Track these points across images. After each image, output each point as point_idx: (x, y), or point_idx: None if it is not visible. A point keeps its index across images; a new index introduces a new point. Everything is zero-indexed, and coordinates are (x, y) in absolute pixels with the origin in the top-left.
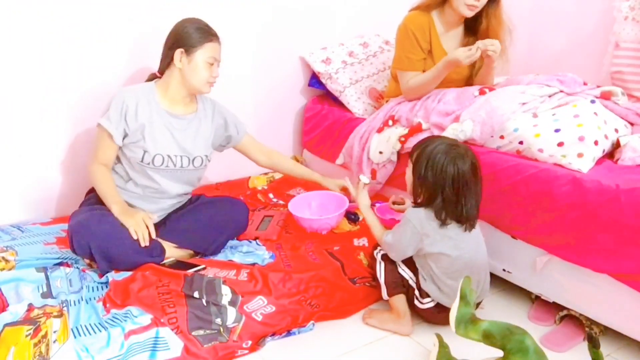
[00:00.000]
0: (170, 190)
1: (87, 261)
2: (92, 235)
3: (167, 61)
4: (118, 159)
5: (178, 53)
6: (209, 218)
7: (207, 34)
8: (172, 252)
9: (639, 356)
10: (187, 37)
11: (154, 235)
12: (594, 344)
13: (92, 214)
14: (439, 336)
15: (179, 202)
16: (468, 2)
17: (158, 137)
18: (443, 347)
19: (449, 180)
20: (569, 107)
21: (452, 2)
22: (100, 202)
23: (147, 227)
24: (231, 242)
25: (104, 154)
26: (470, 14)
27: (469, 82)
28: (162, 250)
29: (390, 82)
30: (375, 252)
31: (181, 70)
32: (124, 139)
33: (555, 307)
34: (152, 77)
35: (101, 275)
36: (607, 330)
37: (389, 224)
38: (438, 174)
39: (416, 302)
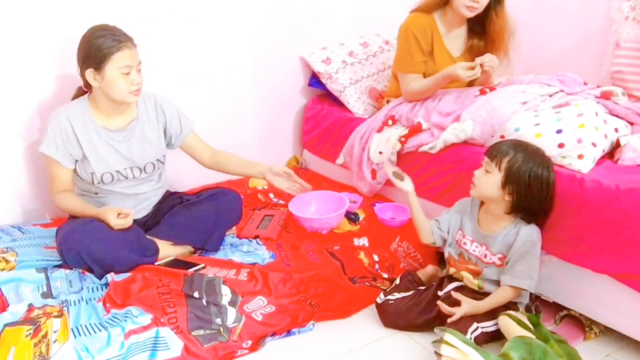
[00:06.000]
0: (136, 192)
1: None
2: (81, 243)
3: (84, 78)
4: (75, 172)
5: (89, 73)
6: (203, 211)
7: (112, 44)
8: (170, 250)
9: (639, 356)
10: (93, 53)
11: (130, 221)
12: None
13: (76, 223)
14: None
15: (155, 195)
16: (467, 4)
17: (102, 155)
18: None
19: None
20: (572, 106)
21: (453, 3)
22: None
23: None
24: (231, 240)
25: (60, 182)
26: (470, 14)
27: (469, 85)
28: (156, 250)
29: (391, 81)
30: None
31: (100, 88)
32: (76, 162)
33: (555, 307)
34: (80, 92)
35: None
36: (607, 330)
37: (389, 223)
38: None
39: None
